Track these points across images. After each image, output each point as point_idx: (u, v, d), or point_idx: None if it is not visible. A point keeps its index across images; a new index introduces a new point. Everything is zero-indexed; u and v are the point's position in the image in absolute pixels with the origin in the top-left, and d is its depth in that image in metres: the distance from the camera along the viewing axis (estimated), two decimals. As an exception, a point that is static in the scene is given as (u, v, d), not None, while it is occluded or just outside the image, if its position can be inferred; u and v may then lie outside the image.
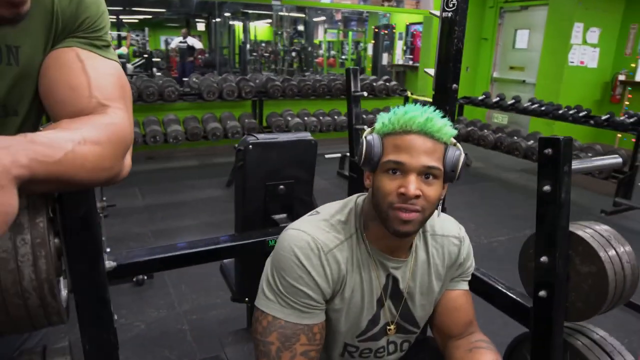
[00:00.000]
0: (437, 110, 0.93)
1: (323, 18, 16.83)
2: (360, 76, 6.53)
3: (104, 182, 0.71)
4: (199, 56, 10.56)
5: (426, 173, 0.90)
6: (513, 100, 5.13)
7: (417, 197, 0.89)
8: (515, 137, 4.79)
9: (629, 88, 6.50)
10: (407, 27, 10.81)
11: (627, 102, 6.51)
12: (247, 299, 1.66)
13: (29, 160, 0.55)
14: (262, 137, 1.48)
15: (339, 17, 13.53)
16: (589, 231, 1.34)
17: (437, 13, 1.60)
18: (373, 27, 11.98)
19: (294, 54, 10.70)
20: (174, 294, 2.67)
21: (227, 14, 11.82)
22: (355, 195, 1.08)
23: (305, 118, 5.69)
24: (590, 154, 4.03)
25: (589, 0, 6.27)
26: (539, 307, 1.27)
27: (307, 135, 1.55)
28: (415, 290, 1.06)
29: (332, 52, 16.47)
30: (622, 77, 6.54)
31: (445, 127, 0.92)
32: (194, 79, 5.72)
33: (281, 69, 10.52)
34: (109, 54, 0.82)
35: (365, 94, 2.12)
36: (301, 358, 0.93)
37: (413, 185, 0.89)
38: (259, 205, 1.54)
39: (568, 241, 1.28)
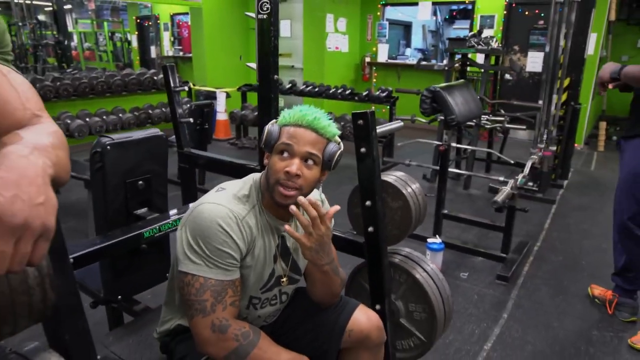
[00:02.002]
0: (326, 113, 1.22)
1: (70, 6, 15.16)
2: (130, 70, 6.33)
3: (64, 184, 0.79)
4: None
5: (307, 158, 1.18)
6: (290, 85, 5.73)
7: (298, 176, 1.16)
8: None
9: (375, 68, 7.87)
10: (172, 17, 10.67)
11: (374, 80, 7.86)
12: (119, 297, 1.70)
13: (51, 162, 0.65)
14: (117, 137, 1.54)
15: (92, 6, 12.44)
16: (392, 177, 1.82)
17: (253, 15, 1.86)
18: (134, 17, 11.46)
19: (44, 48, 9.50)
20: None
21: None
22: (252, 174, 1.30)
23: (88, 119, 5.30)
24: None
25: (335, -6, 7.32)
26: (370, 240, 1.68)
27: (157, 132, 1.66)
28: (298, 246, 1.34)
29: (87, 45, 15.09)
30: (368, 59, 7.87)
31: (329, 127, 1.21)
32: None
33: (33, 66, 9.27)
34: (12, 66, 0.87)
35: (186, 88, 2.26)
36: (230, 308, 1.13)
37: (295, 166, 1.16)
38: (121, 203, 1.59)
39: (382, 187, 1.73)
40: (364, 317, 1.38)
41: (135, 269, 1.68)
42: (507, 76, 6.38)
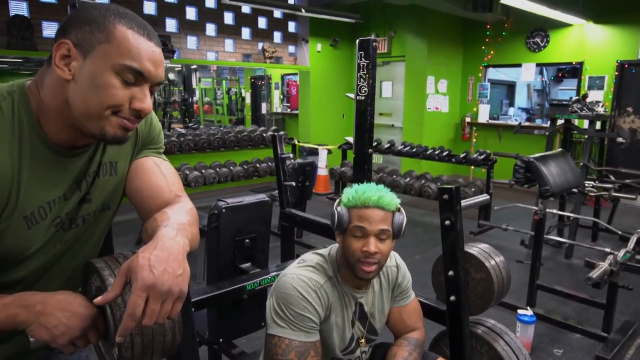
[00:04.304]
0: (383, 186, 1.38)
1: (195, 66, 17.12)
2: (242, 126, 6.94)
3: (194, 251, 1.03)
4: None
5: (381, 235, 1.33)
6: (389, 144, 5.94)
7: (375, 253, 1.32)
8: (395, 176, 5.57)
9: (475, 128, 7.86)
10: (283, 77, 11.57)
11: (474, 140, 7.83)
12: (221, 339, 1.93)
13: (188, 239, 0.88)
14: (231, 201, 1.82)
15: (214, 67, 13.95)
16: (476, 249, 1.90)
17: (352, 96, 2.10)
18: (250, 77, 12.59)
19: (172, 105, 10.81)
20: None
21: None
22: (329, 247, 1.48)
23: (203, 171, 5.91)
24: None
25: (435, 58, 7.54)
26: (452, 308, 1.76)
27: (264, 197, 1.92)
28: (375, 311, 1.49)
29: (207, 99, 16.78)
30: (468, 119, 7.89)
31: (392, 200, 1.36)
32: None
33: (162, 121, 10.54)
34: (164, 156, 1.15)
35: (291, 155, 2.54)
36: None
37: (373, 245, 1.31)
38: (230, 257, 1.86)
39: (465, 258, 1.81)
40: None
41: (236, 316, 1.91)
42: (619, 139, 6.05)
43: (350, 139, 2.05)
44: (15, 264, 0.93)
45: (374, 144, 6.17)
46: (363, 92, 2.04)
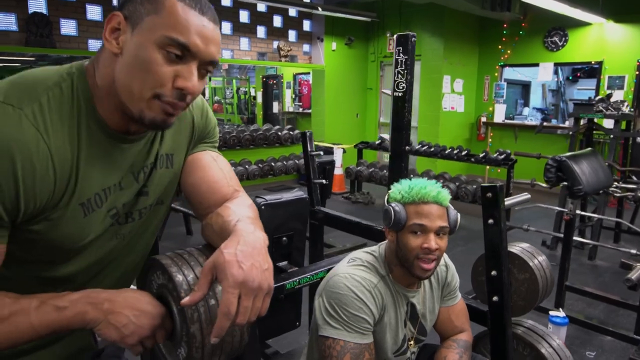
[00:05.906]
0: (435, 181, 1.34)
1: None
2: (256, 125, 6.92)
3: None
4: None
5: (439, 231, 1.29)
6: (405, 144, 5.89)
7: (436, 249, 1.27)
8: (412, 176, 5.53)
9: (490, 127, 7.79)
10: (295, 76, 11.54)
11: (490, 140, 7.76)
12: (257, 338, 1.90)
13: (263, 232, 0.86)
14: (270, 198, 1.78)
15: (225, 66, 13.96)
16: (518, 248, 1.86)
17: (389, 92, 2.06)
18: (261, 76, 12.57)
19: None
20: None
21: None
22: (377, 245, 1.45)
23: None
24: (475, 186, 4.93)
25: (452, 57, 7.47)
26: (494, 309, 1.71)
27: (302, 194, 1.89)
28: (426, 311, 1.46)
29: (217, 98, 16.80)
30: (483, 119, 7.82)
31: (448, 195, 1.32)
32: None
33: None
34: (218, 151, 1.12)
35: (321, 153, 2.51)
36: None
37: (433, 242, 1.27)
38: (267, 256, 1.83)
39: (508, 257, 1.77)
40: None
41: (272, 315, 1.88)
42: (640, 140, 5.97)
43: (386, 136, 2.02)
44: (68, 256, 0.89)
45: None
46: (401, 88, 2.01)
